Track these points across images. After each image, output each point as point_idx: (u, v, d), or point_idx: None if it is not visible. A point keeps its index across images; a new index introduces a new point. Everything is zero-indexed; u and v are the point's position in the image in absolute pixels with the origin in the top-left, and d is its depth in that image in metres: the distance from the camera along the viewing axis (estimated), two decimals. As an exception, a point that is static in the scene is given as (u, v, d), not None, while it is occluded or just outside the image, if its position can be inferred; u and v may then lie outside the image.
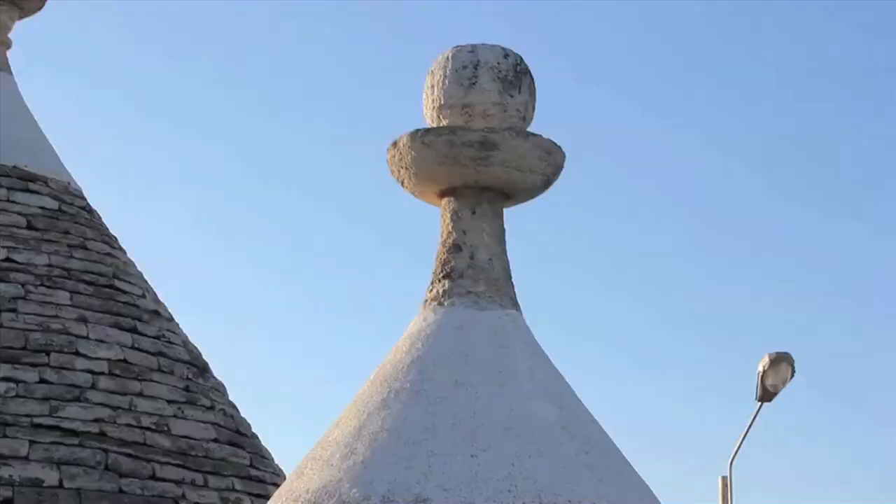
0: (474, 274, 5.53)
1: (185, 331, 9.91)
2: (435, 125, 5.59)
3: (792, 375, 14.11)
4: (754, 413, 14.20)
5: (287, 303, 28.80)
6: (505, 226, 5.66)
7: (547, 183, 5.62)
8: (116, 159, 26.89)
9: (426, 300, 5.58)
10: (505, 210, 5.72)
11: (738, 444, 14.22)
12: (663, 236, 28.86)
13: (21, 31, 10.62)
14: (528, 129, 5.61)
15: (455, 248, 5.55)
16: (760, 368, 13.98)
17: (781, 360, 13.96)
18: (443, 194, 5.62)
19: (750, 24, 27.96)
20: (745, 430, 14.25)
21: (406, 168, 5.57)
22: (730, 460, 14.14)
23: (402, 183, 5.64)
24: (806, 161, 29.12)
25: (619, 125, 28.67)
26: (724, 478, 14.12)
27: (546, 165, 5.56)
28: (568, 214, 28.14)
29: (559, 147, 5.59)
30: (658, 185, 29.15)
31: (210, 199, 28.35)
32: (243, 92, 28.24)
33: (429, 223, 5.72)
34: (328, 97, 28.39)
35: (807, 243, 29.12)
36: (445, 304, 5.51)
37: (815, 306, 29.14)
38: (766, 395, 14.06)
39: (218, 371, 9.89)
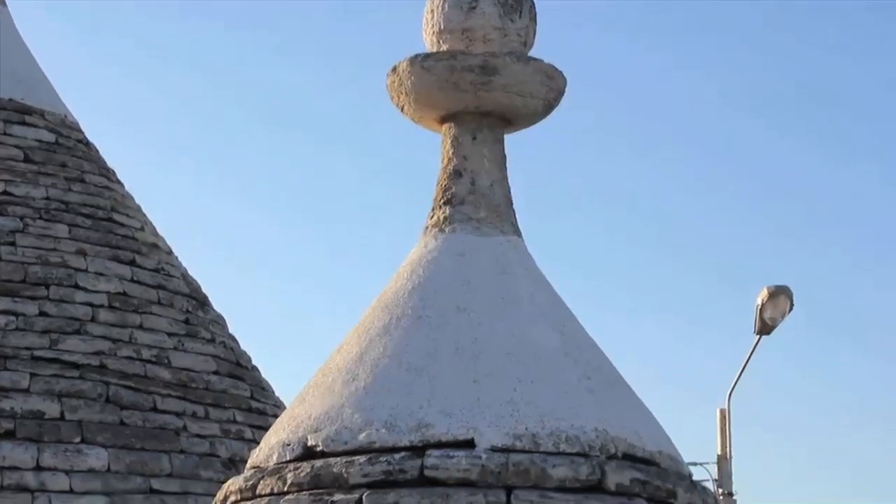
0: (475, 200, 5.51)
1: (184, 264, 9.90)
2: (435, 50, 5.55)
3: (790, 308, 14.10)
4: (753, 346, 14.22)
5: (286, 234, 28.79)
6: (506, 152, 5.63)
7: (548, 108, 5.58)
8: (114, 93, 26.80)
9: (427, 227, 5.56)
10: (506, 137, 5.69)
11: (736, 377, 14.24)
12: (663, 170, 28.83)
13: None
14: (529, 54, 5.57)
15: (456, 174, 5.52)
16: (759, 301, 13.97)
17: (780, 294, 13.94)
18: (443, 120, 5.59)
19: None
20: (744, 362, 14.27)
21: (406, 93, 5.53)
22: (728, 393, 14.17)
23: (402, 109, 5.61)
24: (804, 96, 29.05)
25: (619, 60, 28.56)
26: (722, 410, 14.14)
27: (547, 90, 5.52)
28: (567, 148, 28.07)
29: (560, 72, 5.55)
30: (658, 120, 29.09)
31: (207, 131, 28.28)
32: (240, 26, 28.11)
33: (429, 152, 5.68)
34: (325, 29, 28.26)
35: (805, 177, 29.11)
36: (446, 230, 5.49)
37: (814, 240, 29.16)
38: (765, 329, 14.06)
39: (218, 304, 9.89)
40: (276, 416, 9.12)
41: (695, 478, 5.48)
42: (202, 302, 9.65)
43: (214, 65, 28.24)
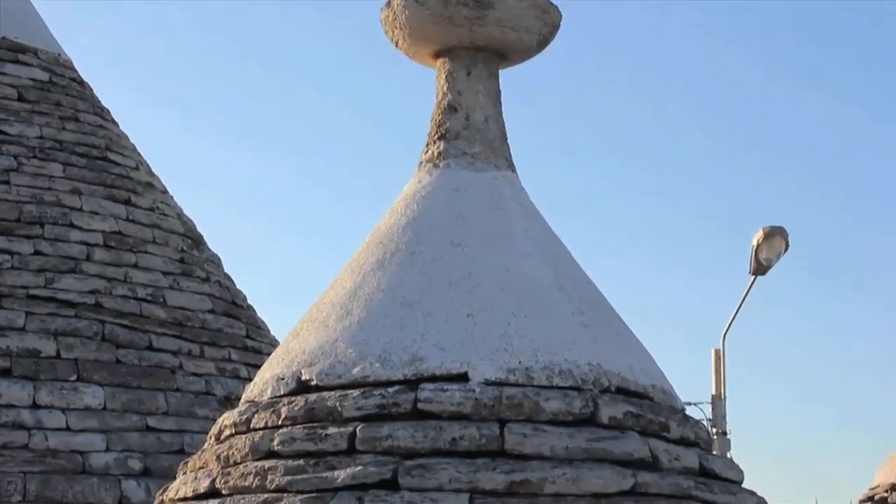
0: (470, 135, 5.50)
1: (179, 203, 9.89)
2: (429, -16, 5.52)
3: (785, 249, 14.10)
4: (748, 286, 14.23)
5: (281, 173, 28.74)
6: (500, 87, 5.62)
7: (543, 43, 5.56)
8: (108, 33, 26.68)
9: (421, 162, 5.55)
10: (501, 73, 5.67)
11: (731, 318, 14.26)
12: (660, 112, 28.78)
13: None
14: (523, -11, 5.54)
15: (450, 109, 5.51)
16: (754, 242, 13.96)
17: (775, 234, 13.94)
18: (437, 55, 5.57)
19: None
20: (739, 303, 14.28)
21: (400, 28, 5.51)
22: (723, 333, 14.19)
23: (397, 44, 5.58)
24: (802, 39, 28.97)
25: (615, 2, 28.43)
26: (717, 350, 14.17)
27: (542, 25, 5.50)
28: (562, 88, 28.01)
29: (555, 6, 5.53)
30: (655, 61, 29.01)
31: (202, 72, 28.18)
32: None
33: (422, 91, 5.67)
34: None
35: (801, 120, 29.07)
36: (441, 165, 5.49)
37: (809, 181, 29.17)
38: (760, 269, 14.06)
39: (213, 243, 9.89)
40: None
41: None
42: (197, 241, 9.65)
43: (209, 5, 28.11)
